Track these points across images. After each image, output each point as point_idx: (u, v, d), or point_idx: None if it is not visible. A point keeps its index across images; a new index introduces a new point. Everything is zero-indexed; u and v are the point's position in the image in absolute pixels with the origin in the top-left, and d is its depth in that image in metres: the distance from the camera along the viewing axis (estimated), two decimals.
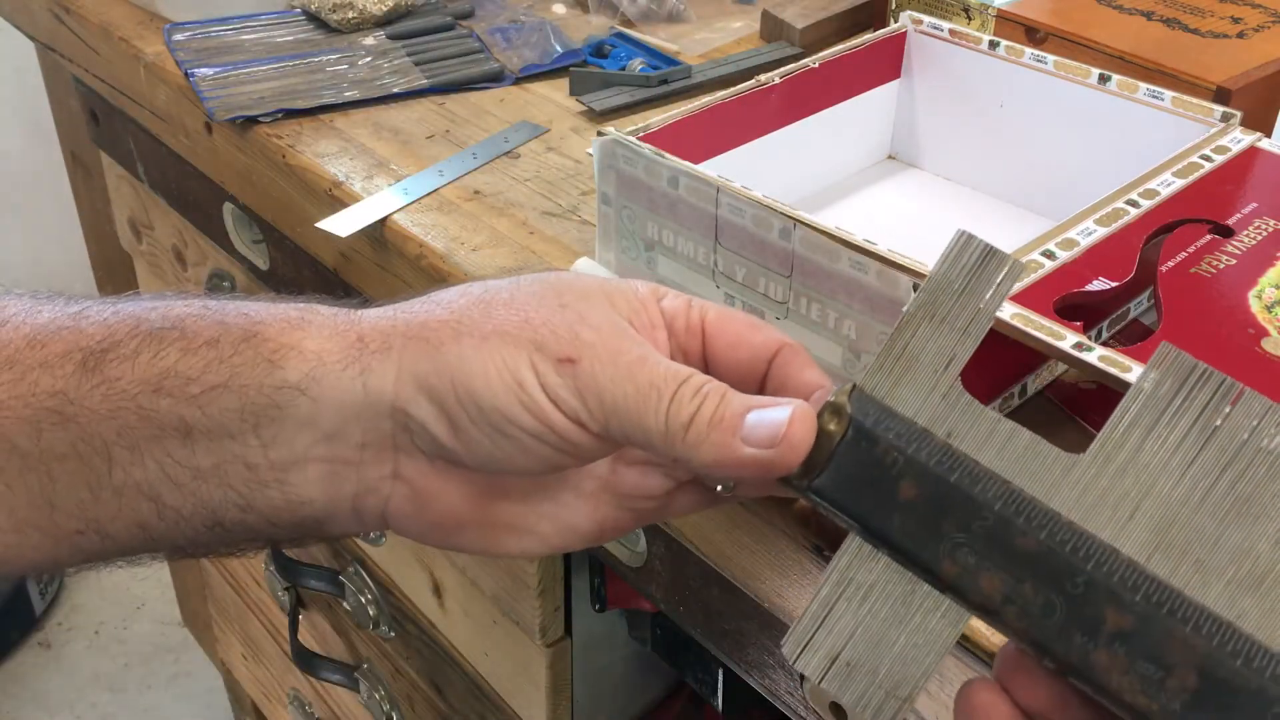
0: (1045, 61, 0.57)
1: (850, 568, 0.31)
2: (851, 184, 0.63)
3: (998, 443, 0.31)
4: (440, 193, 0.63)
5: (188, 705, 1.52)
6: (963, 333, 0.32)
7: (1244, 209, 0.49)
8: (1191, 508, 0.29)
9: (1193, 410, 0.29)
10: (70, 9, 0.84)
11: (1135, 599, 0.28)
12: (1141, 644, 0.28)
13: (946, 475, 0.30)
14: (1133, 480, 0.29)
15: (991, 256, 0.32)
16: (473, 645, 0.75)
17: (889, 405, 0.32)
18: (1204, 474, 0.29)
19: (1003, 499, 0.30)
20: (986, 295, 0.32)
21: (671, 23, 0.82)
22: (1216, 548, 0.28)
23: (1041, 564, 0.29)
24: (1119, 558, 0.29)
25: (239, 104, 0.70)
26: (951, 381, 0.31)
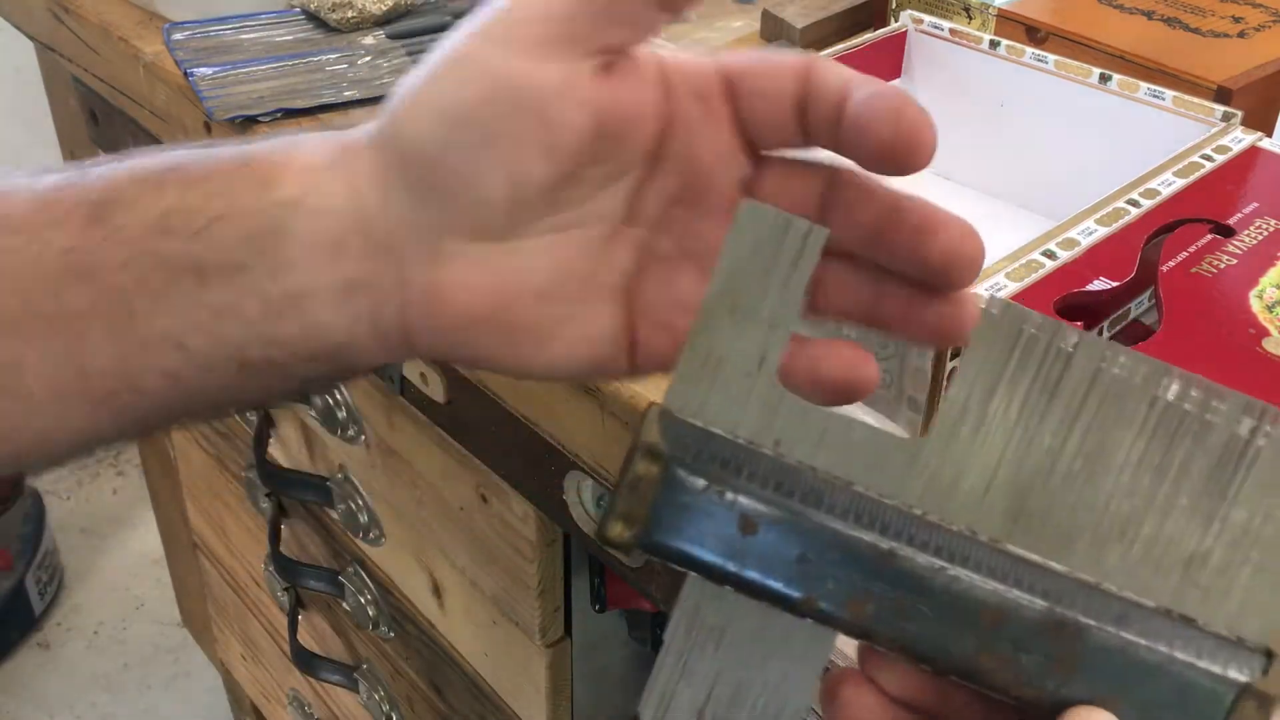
0: (1046, 61, 0.57)
1: (698, 610, 0.28)
2: None
3: (834, 442, 0.28)
4: None
5: (187, 706, 1.52)
6: (770, 324, 0.28)
7: (1245, 209, 0.49)
8: (1045, 472, 0.27)
9: (1032, 364, 0.27)
10: (69, 8, 0.84)
11: (1007, 588, 0.27)
12: (1018, 634, 0.27)
13: (785, 497, 0.28)
14: (981, 455, 0.27)
15: (788, 227, 0.28)
16: (472, 645, 0.75)
17: (704, 426, 0.28)
18: (1054, 431, 0.27)
19: (851, 511, 0.27)
20: (790, 275, 0.28)
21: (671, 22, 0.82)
22: (1073, 508, 0.27)
23: (904, 573, 0.27)
24: (981, 546, 0.27)
25: (238, 103, 0.69)
26: (770, 382, 0.28)
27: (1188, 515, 0.27)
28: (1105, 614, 0.27)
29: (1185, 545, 0.27)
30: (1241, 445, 0.27)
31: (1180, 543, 0.27)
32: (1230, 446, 0.27)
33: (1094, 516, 0.27)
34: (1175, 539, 0.27)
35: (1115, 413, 0.27)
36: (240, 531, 1.04)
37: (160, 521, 1.28)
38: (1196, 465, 0.27)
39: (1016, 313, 0.27)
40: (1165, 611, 0.27)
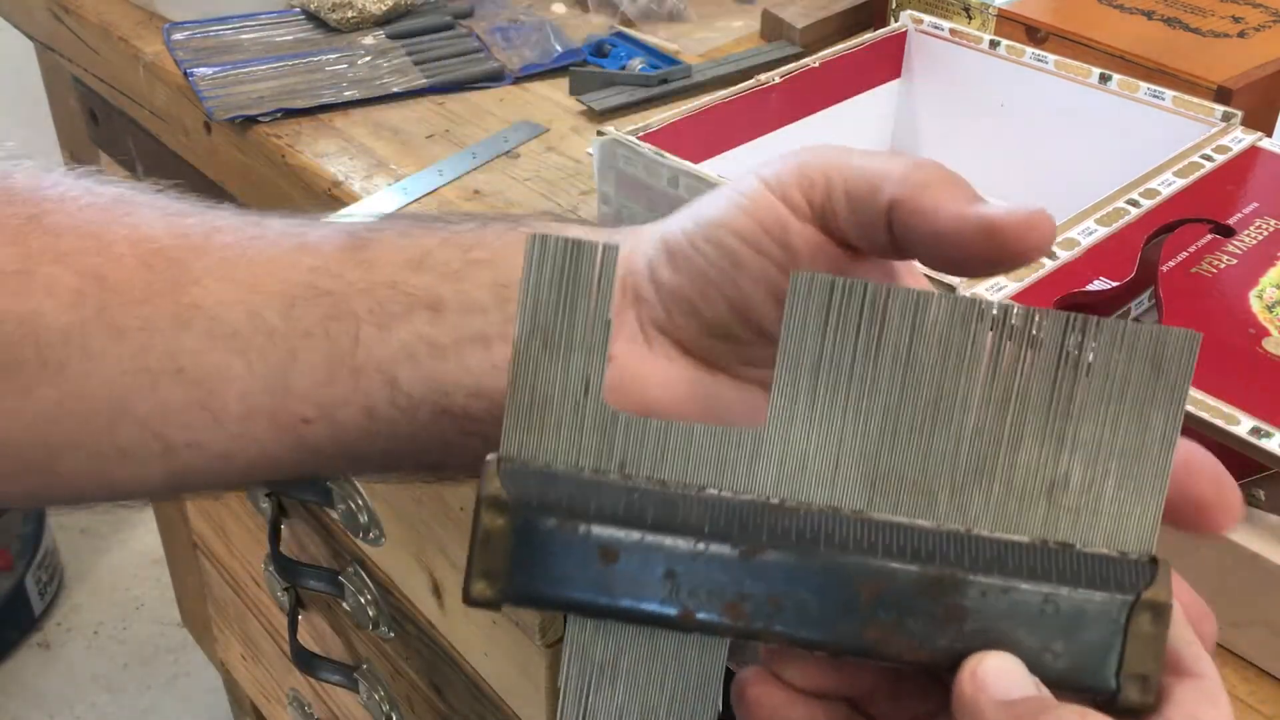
0: (1046, 61, 0.57)
1: (585, 651, 0.28)
2: None
3: (676, 449, 0.28)
4: (440, 192, 0.63)
5: (187, 706, 1.52)
6: (586, 348, 0.28)
7: (1245, 209, 0.49)
8: (889, 432, 0.27)
9: (850, 331, 0.27)
10: (69, 8, 0.84)
11: (876, 557, 0.27)
12: (901, 602, 0.26)
13: (639, 518, 0.27)
14: (822, 429, 0.27)
15: (579, 251, 0.27)
16: (472, 645, 0.75)
17: (544, 466, 0.28)
18: (887, 392, 0.27)
19: (707, 516, 0.27)
20: (593, 296, 0.28)
21: (672, 22, 0.82)
22: (926, 460, 0.27)
23: (775, 568, 0.27)
24: (842, 519, 0.27)
25: (238, 103, 0.69)
26: (599, 407, 0.28)
27: (1038, 441, 0.27)
28: (980, 560, 0.27)
29: (1044, 472, 0.27)
30: (1073, 361, 0.26)
31: (1038, 470, 0.27)
32: (1062, 365, 0.27)
33: (948, 464, 0.27)
34: (1032, 468, 0.27)
35: (943, 356, 0.27)
36: (240, 531, 1.04)
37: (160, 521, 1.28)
38: (1034, 390, 0.27)
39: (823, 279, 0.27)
40: (1040, 543, 0.27)
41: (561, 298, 0.28)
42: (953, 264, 0.29)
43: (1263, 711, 0.36)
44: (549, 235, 0.27)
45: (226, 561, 1.11)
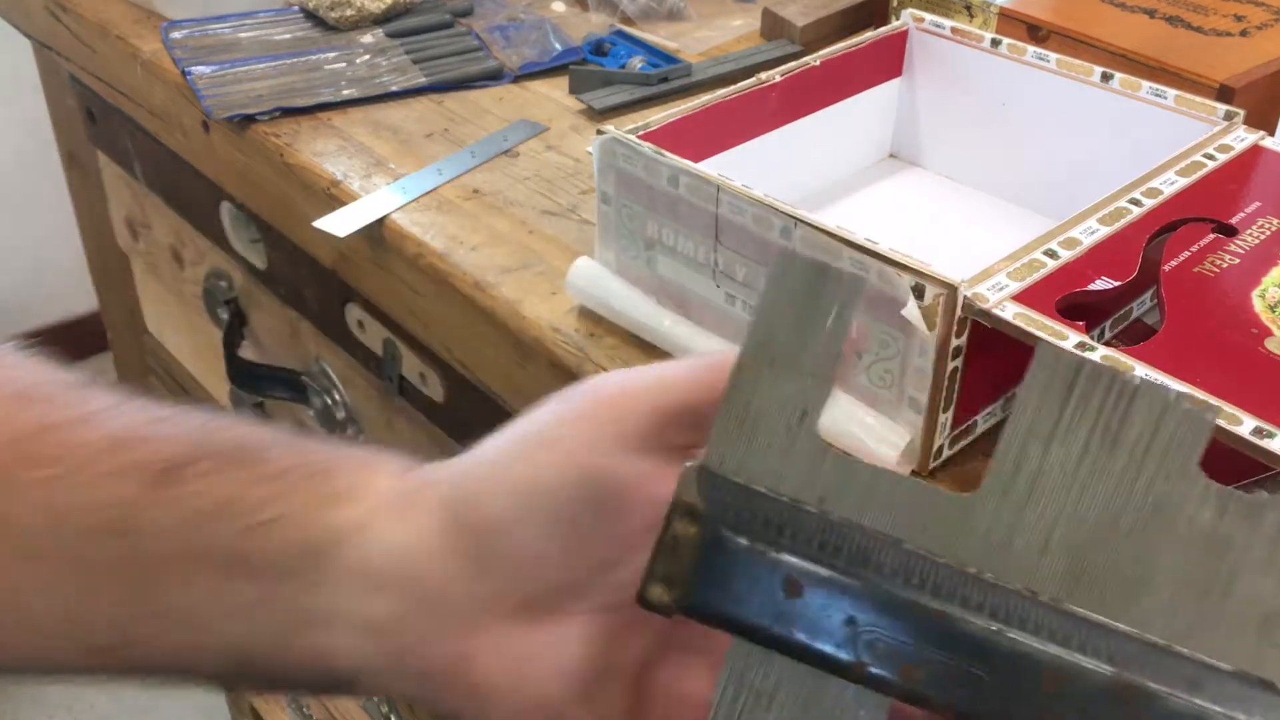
0: (1047, 60, 0.57)
1: (745, 674, 0.27)
2: (852, 183, 0.63)
3: (881, 498, 0.27)
4: (439, 191, 0.63)
5: (185, 706, 1.52)
6: (811, 375, 0.27)
7: (1247, 208, 0.49)
8: (1107, 526, 0.26)
9: (1089, 415, 0.26)
10: (67, 7, 0.84)
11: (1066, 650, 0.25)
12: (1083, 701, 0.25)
13: (830, 557, 0.26)
14: (1039, 508, 0.26)
15: (825, 276, 0.27)
16: None
17: (746, 483, 0.27)
18: (1113, 485, 0.26)
19: (901, 571, 0.26)
20: (828, 324, 0.27)
21: (671, 20, 0.82)
22: (1139, 563, 0.26)
23: (958, 636, 0.26)
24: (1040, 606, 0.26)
25: (236, 102, 0.69)
26: (812, 437, 0.27)
27: (1260, 571, 0.25)
28: (1176, 678, 0.25)
29: (1261, 604, 0.25)
30: None
31: (1255, 600, 0.25)
32: None
33: (1161, 574, 0.25)
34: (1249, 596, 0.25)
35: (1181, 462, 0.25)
36: None
37: None
38: (1271, 517, 0.25)
39: (1070, 359, 0.26)
40: (1242, 674, 0.25)
41: (798, 319, 0.27)
42: None
43: None
44: (800, 255, 0.27)
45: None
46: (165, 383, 1.10)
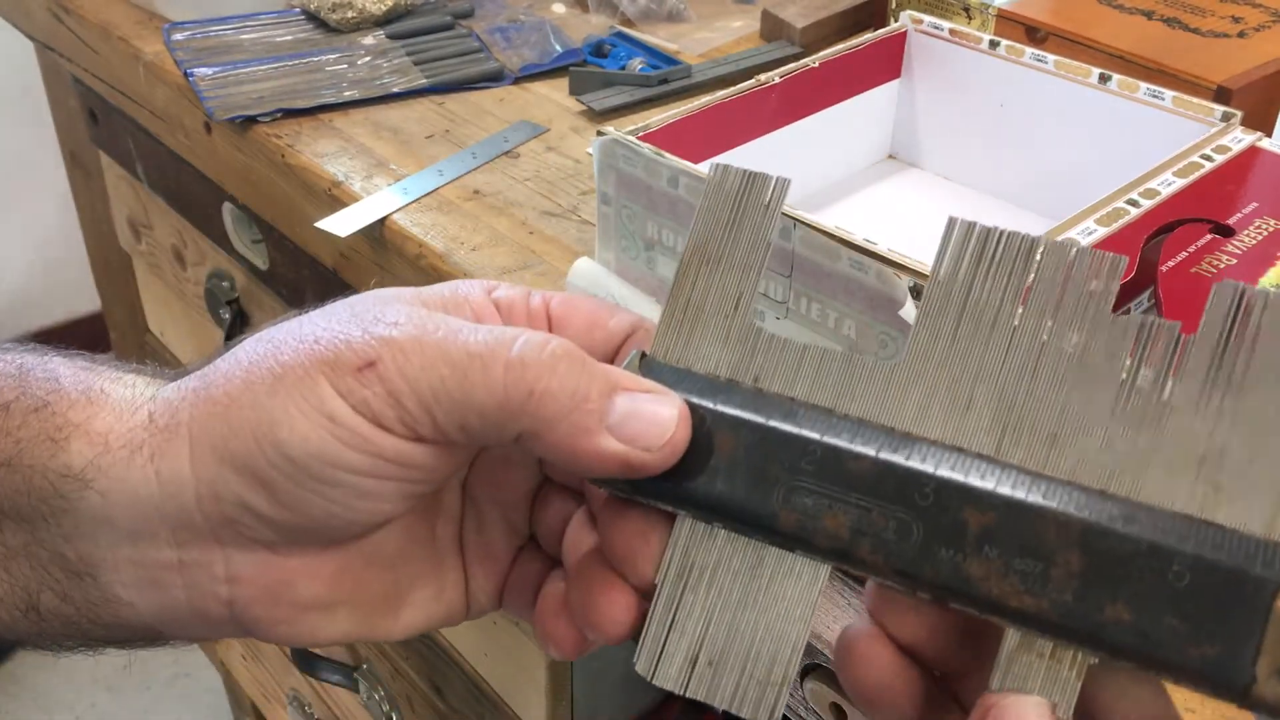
0: (1046, 61, 0.57)
1: (687, 553, 0.28)
2: (851, 184, 0.63)
3: (810, 372, 0.28)
4: (440, 192, 0.63)
5: (187, 706, 1.52)
6: (743, 268, 0.29)
7: (1244, 209, 0.49)
8: (1028, 381, 0.26)
9: (1000, 277, 0.27)
10: (69, 8, 0.84)
11: (992, 491, 0.25)
12: (1011, 539, 0.25)
13: (762, 422, 0.28)
14: (958, 369, 0.27)
15: (753, 181, 0.29)
16: (472, 646, 0.75)
17: (685, 367, 0.29)
18: (1031, 341, 0.26)
19: (827, 429, 0.27)
20: (759, 221, 0.29)
21: (671, 22, 0.82)
22: (1065, 414, 0.26)
23: (883, 484, 0.26)
24: (964, 455, 0.26)
25: (238, 104, 0.69)
26: (746, 322, 0.29)
27: (1192, 410, 0.25)
28: (1106, 514, 0.25)
29: (1196, 443, 0.25)
30: (1240, 326, 0.25)
31: (1190, 441, 0.25)
32: (1228, 329, 0.25)
33: (1087, 422, 0.26)
34: (1183, 437, 0.25)
35: (1095, 311, 0.26)
36: None
37: None
38: (1193, 355, 0.25)
39: (980, 230, 0.27)
40: (1184, 516, 0.24)
41: (730, 220, 0.29)
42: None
43: None
44: (730, 166, 0.29)
45: None
46: None
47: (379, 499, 0.29)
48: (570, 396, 0.28)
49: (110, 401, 0.29)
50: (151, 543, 0.29)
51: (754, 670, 0.28)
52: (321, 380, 0.27)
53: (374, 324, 0.28)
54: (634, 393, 0.28)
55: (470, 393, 0.27)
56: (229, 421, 0.28)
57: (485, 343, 0.28)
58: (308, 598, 0.30)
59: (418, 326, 0.28)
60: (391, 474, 0.28)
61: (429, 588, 0.33)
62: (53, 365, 0.30)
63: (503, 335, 0.28)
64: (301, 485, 0.28)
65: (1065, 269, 0.26)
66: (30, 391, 0.29)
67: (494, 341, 0.28)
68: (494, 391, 0.27)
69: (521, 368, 0.27)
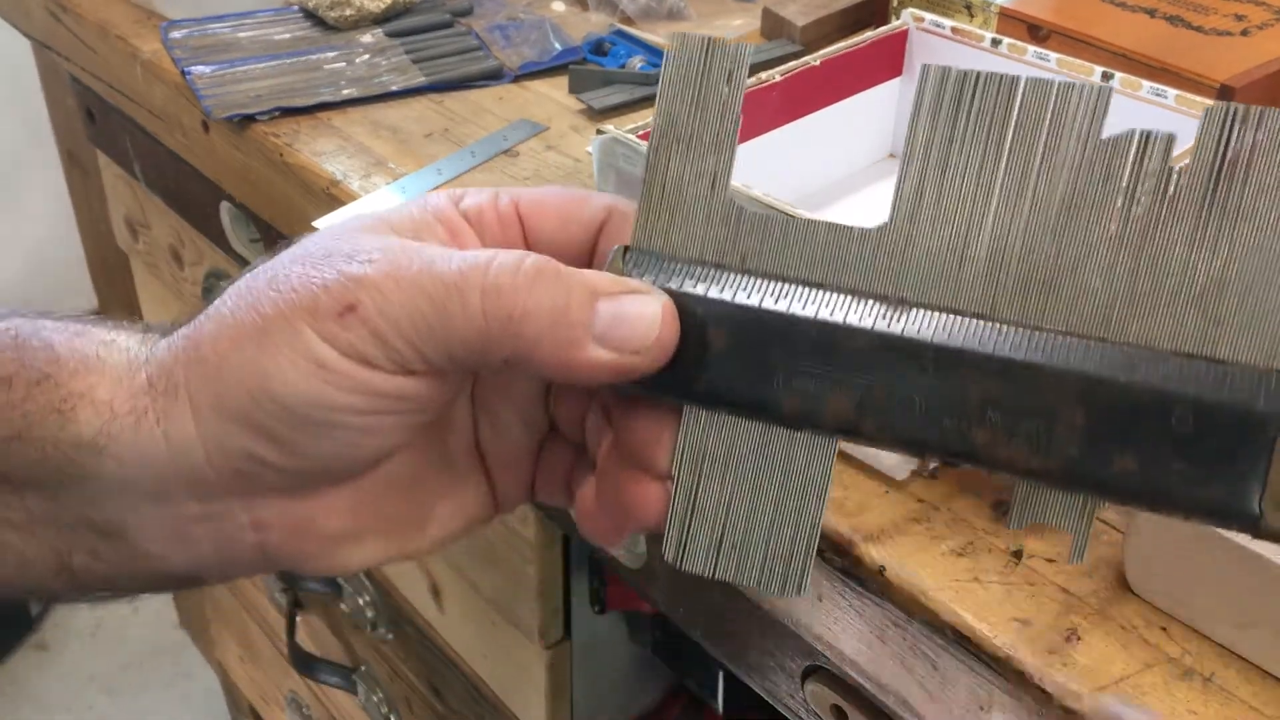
0: (1048, 59, 0.57)
1: (697, 441, 0.28)
2: (852, 182, 0.63)
3: (797, 245, 0.27)
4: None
5: (185, 707, 1.51)
6: (715, 145, 0.28)
7: None
8: (1019, 230, 0.25)
9: (981, 124, 0.25)
10: (67, 7, 0.83)
11: (990, 352, 0.25)
12: (1013, 401, 0.25)
13: (755, 306, 0.27)
14: (946, 226, 0.26)
15: (713, 50, 0.28)
16: (471, 647, 0.75)
17: (669, 253, 0.28)
18: (1019, 186, 0.25)
19: (821, 306, 0.27)
20: (724, 93, 0.28)
21: (671, 20, 0.81)
22: (1059, 263, 0.25)
23: (882, 358, 0.26)
24: (960, 319, 0.26)
25: (236, 102, 0.69)
26: (725, 202, 0.28)
27: (1188, 245, 0.24)
28: (1108, 365, 0.24)
29: (1194, 278, 0.24)
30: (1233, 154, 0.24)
31: (1187, 275, 0.24)
32: (1220, 159, 0.24)
33: (1083, 267, 0.25)
34: (1180, 273, 0.24)
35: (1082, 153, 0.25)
36: None
37: None
38: (1186, 187, 0.24)
39: (956, 75, 0.26)
40: (1185, 354, 0.24)
41: (695, 94, 0.28)
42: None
43: (1266, 713, 0.36)
44: (689, 34, 0.28)
45: None
46: None
47: (381, 434, 0.29)
48: (550, 313, 0.27)
49: (108, 368, 0.29)
50: (172, 500, 0.29)
51: (777, 548, 0.28)
52: (305, 328, 0.27)
53: (347, 262, 0.28)
54: (616, 296, 0.28)
55: (451, 324, 0.27)
56: (223, 380, 0.28)
57: (459, 270, 0.27)
58: (332, 531, 0.31)
59: (391, 262, 0.28)
60: (389, 408, 0.29)
61: (451, 501, 0.33)
62: (46, 334, 0.30)
63: (476, 260, 0.27)
64: (303, 431, 0.28)
65: (1048, 109, 0.25)
66: (29, 363, 0.29)
67: (468, 268, 0.27)
68: (474, 320, 0.27)
69: (497, 293, 0.27)
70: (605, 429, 0.31)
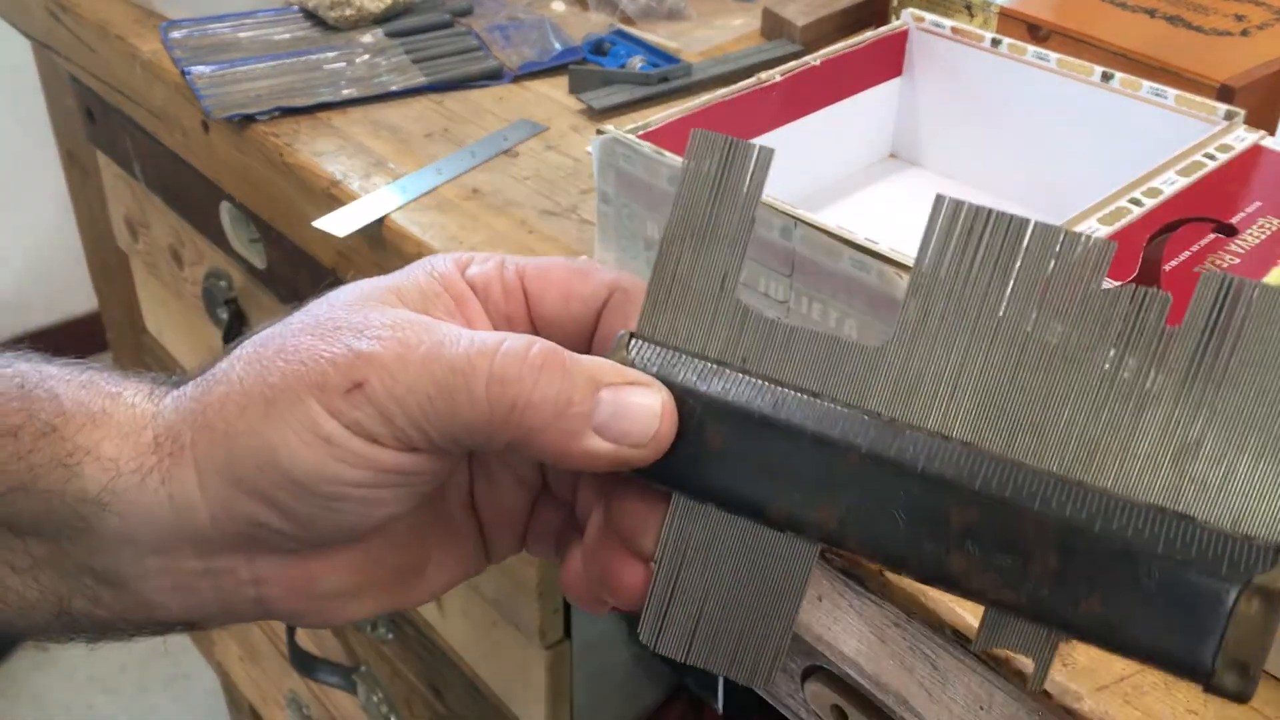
0: (1048, 59, 0.57)
1: (683, 530, 0.29)
2: (853, 182, 0.63)
3: (798, 353, 0.28)
4: (438, 191, 0.63)
5: (185, 708, 1.51)
6: (730, 243, 0.29)
7: (1248, 208, 0.49)
8: (1013, 366, 0.26)
9: (987, 260, 0.26)
10: (66, 7, 0.83)
11: (975, 487, 0.26)
12: (992, 536, 0.26)
13: (751, 408, 0.28)
14: (944, 355, 0.27)
15: (735, 149, 0.29)
16: (472, 647, 0.75)
17: (673, 345, 0.29)
18: (1016, 326, 0.26)
19: (814, 418, 0.28)
20: (743, 194, 0.29)
21: (671, 20, 0.81)
22: (1049, 403, 0.26)
23: (870, 478, 0.27)
24: (949, 446, 0.27)
25: (236, 102, 0.69)
26: (733, 301, 0.29)
27: (1172, 402, 0.25)
28: (1086, 510, 0.25)
29: (1174, 436, 0.25)
30: (1224, 322, 0.25)
31: (1168, 433, 0.25)
32: (1212, 324, 0.25)
33: (1070, 410, 0.26)
34: (1161, 429, 0.25)
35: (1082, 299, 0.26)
36: None
37: None
38: (1175, 347, 0.25)
39: (969, 208, 0.27)
40: (1158, 508, 0.25)
41: (713, 191, 0.29)
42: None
43: (1266, 713, 0.36)
44: (711, 133, 0.28)
45: None
46: None
47: (384, 505, 0.30)
48: (553, 404, 0.28)
49: (114, 422, 0.30)
50: (175, 555, 0.30)
51: (749, 642, 0.29)
52: (312, 403, 0.28)
53: (356, 338, 0.28)
54: (618, 386, 0.28)
55: (456, 410, 0.28)
56: (230, 449, 0.29)
57: (467, 355, 0.28)
58: (331, 589, 0.32)
59: (400, 341, 0.28)
60: (393, 482, 0.29)
61: (447, 554, 0.34)
62: (52, 383, 0.30)
63: (484, 346, 0.28)
64: (309, 503, 0.29)
65: (1053, 254, 0.26)
66: (36, 414, 0.30)
67: (475, 354, 0.28)
68: (479, 408, 0.28)
69: (503, 383, 0.28)
70: (596, 501, 0.32)
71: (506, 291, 0.32)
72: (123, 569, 0.30)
